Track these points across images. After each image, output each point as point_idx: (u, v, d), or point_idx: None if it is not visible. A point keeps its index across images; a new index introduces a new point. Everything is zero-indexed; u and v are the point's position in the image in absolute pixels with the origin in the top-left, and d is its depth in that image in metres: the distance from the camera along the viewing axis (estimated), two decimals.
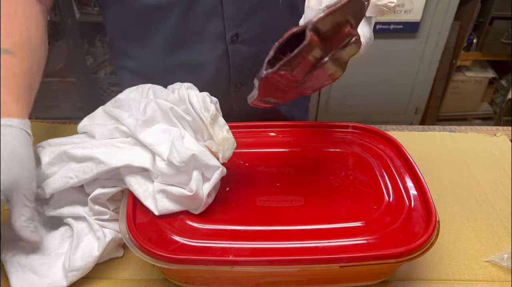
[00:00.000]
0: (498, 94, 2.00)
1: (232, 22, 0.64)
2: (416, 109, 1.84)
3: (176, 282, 0.46)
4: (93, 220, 0.46)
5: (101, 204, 0.47)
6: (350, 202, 0.46)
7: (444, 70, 1.80)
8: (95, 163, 0.45)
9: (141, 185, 0.45)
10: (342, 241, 0.41)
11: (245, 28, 0.65)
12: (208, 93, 0.50)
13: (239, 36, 0.65)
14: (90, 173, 0.45)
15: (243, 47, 0.66)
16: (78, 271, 0.44)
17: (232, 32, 0.65)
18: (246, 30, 0.65)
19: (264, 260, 0.39)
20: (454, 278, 0.48)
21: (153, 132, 0.47)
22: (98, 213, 0.47)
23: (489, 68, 1.93)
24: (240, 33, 0.65)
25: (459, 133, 0.72)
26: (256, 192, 0.48)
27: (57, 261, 0.45)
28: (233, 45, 0.66)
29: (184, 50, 0.65)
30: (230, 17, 0.63)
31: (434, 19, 1.58)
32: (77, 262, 0.44)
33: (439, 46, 1.66)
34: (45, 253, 0.46)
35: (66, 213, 0.47)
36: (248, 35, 0.66)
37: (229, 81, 0.68)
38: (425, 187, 0.46)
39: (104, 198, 0.47)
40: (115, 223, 0.47)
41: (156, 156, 0.46)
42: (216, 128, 0.47)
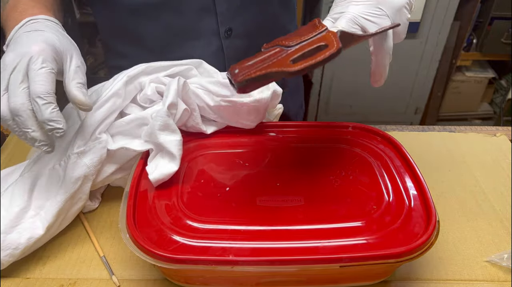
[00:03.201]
0: (498, 94, 2.00)
1: (224, 17, 0.64)
2: (416, 109, 1.84)
3: (176, 282, 0.46)
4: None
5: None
6: (350, 202, 0.46)
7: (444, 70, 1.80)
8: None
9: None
10: (342, 241, 0.41)
11: (238, 22, 0.65)
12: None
13: (233, 31, 0.65)
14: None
15: (237, 42, 0.67)
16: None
17: (225, 27, 0.65)
18: (239, 24, 0.66)
19: (264, 260, 0.39)
20: (454, 278, 0.48)
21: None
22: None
23: (489, 68, 1.93)
24: (234, 28, 0.65)
25: (459, 133, 0.72)
26: (256, 192, 0.48)
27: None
28: (227, 40, 0.66)
29: (178, 47, 0.65)
30: (222, 13, 0.63)
31: (434, 19, 1.58)
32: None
33: (439, 46, 1.66)
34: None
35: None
36: (241, 29, 0.66)
37: None
38: (425, 187, 0.46)
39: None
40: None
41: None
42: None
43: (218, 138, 0.56)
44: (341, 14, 0.45)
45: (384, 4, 0.45)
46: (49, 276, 0.47)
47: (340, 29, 0.41)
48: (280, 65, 0.38)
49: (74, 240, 0.51)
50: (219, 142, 0.55)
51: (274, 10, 0.69)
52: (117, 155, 0.53)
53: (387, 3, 0.45)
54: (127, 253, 0.49)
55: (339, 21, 0.44)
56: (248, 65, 0.39)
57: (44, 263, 0.49)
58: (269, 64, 0.38)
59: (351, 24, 0.44)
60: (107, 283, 0.47)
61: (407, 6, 0.46)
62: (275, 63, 0.38)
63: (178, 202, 0.46)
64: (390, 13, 0.45)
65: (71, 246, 0.51)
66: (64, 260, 0.49)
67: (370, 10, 0.44)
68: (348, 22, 0.44)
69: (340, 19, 0.45)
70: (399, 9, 0.46)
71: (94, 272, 0.48)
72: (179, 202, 0.46)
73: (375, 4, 0.45)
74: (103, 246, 0.50)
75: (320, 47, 0.39)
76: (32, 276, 0.47)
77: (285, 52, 0.39)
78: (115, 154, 0.52)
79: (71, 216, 0.51)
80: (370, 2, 0.45)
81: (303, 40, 0.40)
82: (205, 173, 0.50)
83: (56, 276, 0.47)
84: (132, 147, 0.51)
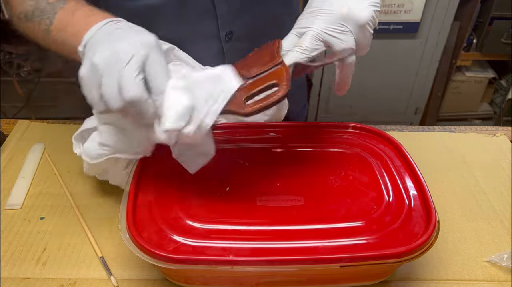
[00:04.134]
0: (498, 94, 1.99)
1: (225, 20, 0.64)
2: (416, 109, 1.84)
3: (176, 282, 0.46)
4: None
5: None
6: (350, 202, 0.46)
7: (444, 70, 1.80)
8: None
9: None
10: (342, 241, 0.41)
11: (238, 25, 0.65)
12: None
13: (233, 34, 0.65)
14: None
15: (237, 44, 0.66)
16: None
17: (226, 30, 0.65)
18: (239, 27, 0.65)
19: (264, 260, 0.39)
20: (454, 278, 0.48)
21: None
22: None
23: (489, 68, 1.93)
24: (234, 31, 0.65)
25: (459, 133, 0.72)
26: (256, 192, 0.48)
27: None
28: (227, 43, 0.66)
29: (179, 49, 0.66)
30: (222, 15, 0.63)
31: (434, 19, 1.58)
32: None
33: (439, 46, 1.66)
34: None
35: None
36: (242, 32, 0.66)
37: None
38: (425, 187, 0.46)
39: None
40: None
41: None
42: None
43: (218, 138, 0.56)
44: (306, 29, 0.46)
45: (348, 20, 0.46)
46: (49, 276, 0.47)
47: (294, 62, 0.44)
48: (236, 104, 0.40)
49: (74, 240, 0.51)
50: (220, 142, 0.55)
51: (275, 12, 0.69)
52: None
53: (351, 20, 0.46)
54: (127, 253, 0.49)
55: (303, 39, 0.46)
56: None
57: (44, 263, 0.49)
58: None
59: (314, 41, 0.45)
60: (107, 284, 0.47)
61: (370, 23, 0.47)
62: (232, 100, 0.41)
63: (178, 202, 0.46)
64: (353, 29, 0.46)
65: (71, 246, 0.51)
66: (64, 260, 0.49)
67: (334, 26, 0.46)
68: (312, 40, 0.45)
69: (304, 37, 0.46)
70: (363, 26, 0.46)
71: (94, 272, 0.48)
72: (179, 202, 0.46)
73: (340, 20, 0.46)
74: (103, 246, 0.50)
75: (271, 86, 0.41)
76: (32, 276, 0.47)
77: (242, 85, 0.42)
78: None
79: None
80: (334, 18, 0.46)
81: (259, 73, 0.43)
82: (205, 173, 0.50)
83: (56, 276, 0.47)
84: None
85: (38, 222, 0.54)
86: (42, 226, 0.53)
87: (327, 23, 0.45)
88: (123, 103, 0.39)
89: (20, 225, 0.53)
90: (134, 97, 0.38)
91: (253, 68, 0.43)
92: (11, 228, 0.53)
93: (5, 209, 0.56)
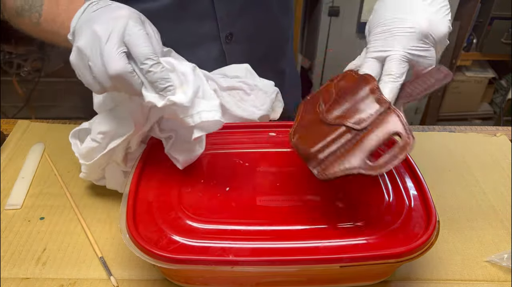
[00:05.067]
0: (498, 94, 1.99)
1: (225, 22, 0.63)
2: (416, 109, 1.84)
3: (176, 282, 0.46)
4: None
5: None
6: (350, 202, 0.46)
7: None
8: None
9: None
10: (342, 241, 0.41)
11: (238, 27, 0.65)
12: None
13: (233, 36, 0.65)
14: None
15: (238, 46, 0.66)
16: None
17: (226, 32, 0.64)
18: (240, 29, 0.65)
19: (264, 260, 0.39)
20: (454, 278, 0.48)
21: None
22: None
23: (489, 68, 1.93)
24: (234, 33, 0.65)
25: (459, 133, 0.72)
26: (256, 192, 0.48)
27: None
28: (228, 45, 0.66)
29: (180, 53, 0.65)
30: (222, 17, 0.63)
31: None
32: None
33: None
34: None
35: None
36: (242, 34, 0.66)
37: None
38: (425, 187, 0.46)
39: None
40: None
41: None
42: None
43: (218, 138, 0.56)
44: (388, 53, 0.43)
45: (429, 36, 0.43)
46: (49, 276, 0.47)
47: (403, 102, 0.42)
48: (359, 162, 0.38)
49: (74, 240, 0.51)
50: (219, 142, 0.55)
51: (274, 14, 0.69)
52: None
53: (432, 34, 0.43)
54: (127, 253, 0.49)
55: (390, 65, 0.42)
56: (322, 155, 0.40)
57: (44, 263, 0.49)
58: (346, 157, 0.39)
59: (402, 65, 0.42)
60: (107, 284, 0.47)
61: (448, 34, 0.45)
62: (353, 159, 0.38)
63: (178, 202, 0.46)
64: (434, 43, 0.43)
65: (71, 246, 0.51)
66: (64, 260, 0.49)
67: (417, 44, 0.43)
68: (400, 64, 0.42)
69: (389, 62, 0.42)
70: (443, 37, 0.44)
71: (94, 272, 0.48)
72: (179, 202, 0.46)
73: (422, 36, 0.43)
74: (103, 246, 0.50)
75: (391, 136, 0.39)
76: (32, 276, 0.47)
77: (356, 138, 0.39)
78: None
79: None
80: (416, 35, 0.42)
81: (369, 120, 0.40)
82: (205, 173, 0.50)
83: (56, 276, 0.47)
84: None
85: (38, 222, 0.54)
86: (42, 226, 0.53)
87: (410, 42, 0.42)
88: (111, 80, 0.40)
89: (20, 225, 0.53)
90: (118, 70, 0.39)
91: (357, 116, 0.40)
92: (11, 228, 0.53)
93: (5, 209, 0.56)
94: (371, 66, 0.44)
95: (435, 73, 0.44)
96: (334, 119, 0.41)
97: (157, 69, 0.40)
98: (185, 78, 0.43)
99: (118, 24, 0.40)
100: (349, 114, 0.41)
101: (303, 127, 0.44)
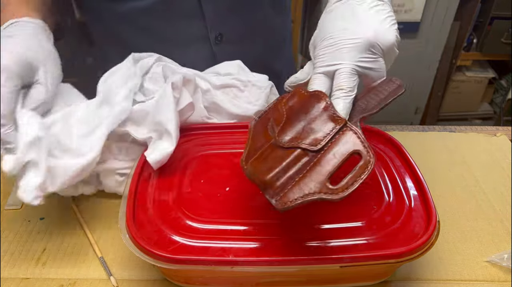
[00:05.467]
0: (498, 94, 2.00)
1: (213, 22, 0.63)
2: (416, 109, 1.84)
3: (176, 282, 0.46)
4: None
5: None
6: (350, 202, 0.46)
7: (444, 70, 1.80)
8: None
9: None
10: (342, 241, 0.41)
11: (228, 27, 0.64)
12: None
13: (223, 36, 0.64)
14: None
15: (228, 47, 0.65)
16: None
17: (215, 33, 0.64)
18: (229, 29, 0.64)
19: (264, 260, 0.39)
20: (454, 278, 0.48)
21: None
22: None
23: (489, 68, 1.93)
24: (224, 33, 0.64)
25: (459, 133, 0.72)
26: (256, 192, 0.48)
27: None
28: (218, 45, 0.65)
29: (168, 53, 0.65)
30: (210, 18, 0.62)
31: (434, 19, 1.58)
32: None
33: (439, 46, 1.66)
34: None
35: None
36: (232, 34, 0.65)
37: None
38: (425, 187, 0.46)
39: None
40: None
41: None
42: None
43: (218, 137, 0.56)
44: (336, 67, 0.42)
45: (376, 46, 0.42)
46: (49, 276, 0.47)
47: (359, 118, 0.41)
48: (320, 186, 0.36)
49: (73, 240, 0.51)
50: (219, 142, 0.55)
51: (265, 13, 0.68)
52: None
53: (379, 45, 0.42)
54: (127, 254, 0.49)
55: (339, 79, 0.41)
56: (279, 183, 0.36)
57: (44, 263, 0.49)
58: (305, 182, 0.36)
59: (352, 78, 0.42)
60: (106, 284, 0.47)
61: (396, 44, 0.44)
62: (312, 184, 0.36)
63: (177, 202, 0.46)
64: (382, 53, 0.43)
65: (70, 246, 0.51)
66: (64, 260, 0.49)
67: (364, 55, 0.42)
68: (349, 77, 0.41)
69: (339, 76, 0.42)
70: (391, 47, 0.43)
71: (94, 273, 0.48)
72: (179, 202, 0.46)
73: (368, 46, 0.42)
74: (103, 247, 0.50)
75: (351, 155, 0.37)
76: (32, 276, 0.47)
77: (314, 161, 0.37)
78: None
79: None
80: (362, 46, 0.42)
81: (325, 139, 0.38)
82: (205, 173, 0.50)
83: (56, 276, 0.47)
84: (135, 134, 0.51)
85: (38, 222, 0.54)
86: (42, 226, 0.53)
87: (357, 54, 0.42)
88: None
89: (20, 225, 0.53)
90: None
91: (312, 137, 0.38)
92: (11, 228, 0.53)
93: (5, 209, 0.56)
94: (320, 82, 0.43)
95: (387, 85, 0.43)
96: (288, 142, 0.38)
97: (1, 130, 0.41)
98: (22, 145, 0.44)
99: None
100: (304, 135, 0.38)
101: (256, 152, 0.40)
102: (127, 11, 0.61)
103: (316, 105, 0.40)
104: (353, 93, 0.42)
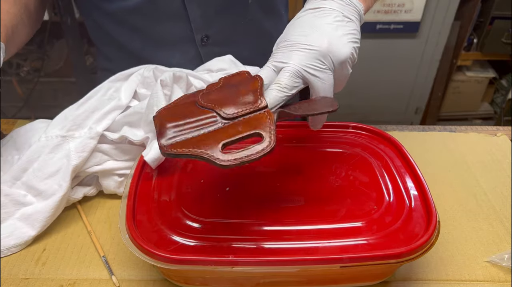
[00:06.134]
0: (498, 94, 2.00)
1: (198, 24, 0.62)
2: (416, 109, 1.84)
3: (176, 282, 0.46)
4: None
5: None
6: (350, 202, 0.46)
7: (444, 70, 1.80)
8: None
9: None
10: (342, 241, 0.41)
11: (215, 29, 0.64)
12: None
13: (210, 38, 0.64)
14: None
15: (215, 49, 0.65)
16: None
17: (201, 35, 0.63)
18: (216, 31, 0.64)
19: (264, 260, 0.39)
20: (454, 278, 0.48)
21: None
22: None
23: (490, 68, 1.93)
24: (211, 35, 0.64)
25: (459, 133, 0.72)
26: (256, 192, 0.48)
27: None
28: (204, 47, 0.64)
29: (156, 53, 0.65)
30: (195, 19, 0.62)
31: (434, 19, 1.58)
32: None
33: (439, 46, 1.66)
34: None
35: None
36: (219, 36, 0.64)
37: None
38: (425, 187, 0.46)
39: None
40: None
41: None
42: None
43: None
44: (284, 65, 0.43)
45: (327, 57, 0.43)
46: (49, 276, 0.47)
47: (280, 110, 0.41)
48: (211, 147, 0.37)
49: (74, 240, 0.51)
50: None
51: (254, 16, 0.67)
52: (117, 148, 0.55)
53: (330, 57, 0.43)
54: (127, 254, 0.49)
55: (282, 75, 0.43)
56: (177, 132, 0.38)
57: (44, 263, 0.49)
58: (200, 138, 0.37)
59: (294, 79, 0.43)
60: (106, 284, 0.47)
61: (349, 61, 0.45)
62: (206, 142, 0.37)
63: (177, 202, 0.46)
64: (332, 66, 0.44)
65: (70, 246, 0.51)
66: (64, 260, 0.49)
67: (313, 62, 0.43)
68: (291, 77, 0.43)
69: (282, 73, 0.43)
70: (343, 63, 0.44)
71: (94, 272, 0.48)
72: (179, 202, 0.46)
73: (319, 56, 0.43)
74: (103, 247, 0.50)
75: (254, 135, 0.38)
76: (32, 276, 0.47)
77: (218, 126, 0.39)
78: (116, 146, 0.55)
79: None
80: (314, 54, 0.43)
81: (239, 115, 0.39)
82: (205, 173, 0.50)
83: (56, 276, 0.47)
84: (131, 137, 0.52)
85: None
86: None
87: (306, 59, 0.43)
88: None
89: None
90: None
91: (230, 106, 0.40)
92: None
93: None
94: (266, 73, 0.45)
95: (324, 101, 0.44)
96: (206, 103, 0.41)
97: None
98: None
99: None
100: (223, 102, 0.40)
101: (175, 105, 0.43)
102: (116, 10, 0.61)
103: (249, 84, 0.43)
104: (289, 92, 0.43)
